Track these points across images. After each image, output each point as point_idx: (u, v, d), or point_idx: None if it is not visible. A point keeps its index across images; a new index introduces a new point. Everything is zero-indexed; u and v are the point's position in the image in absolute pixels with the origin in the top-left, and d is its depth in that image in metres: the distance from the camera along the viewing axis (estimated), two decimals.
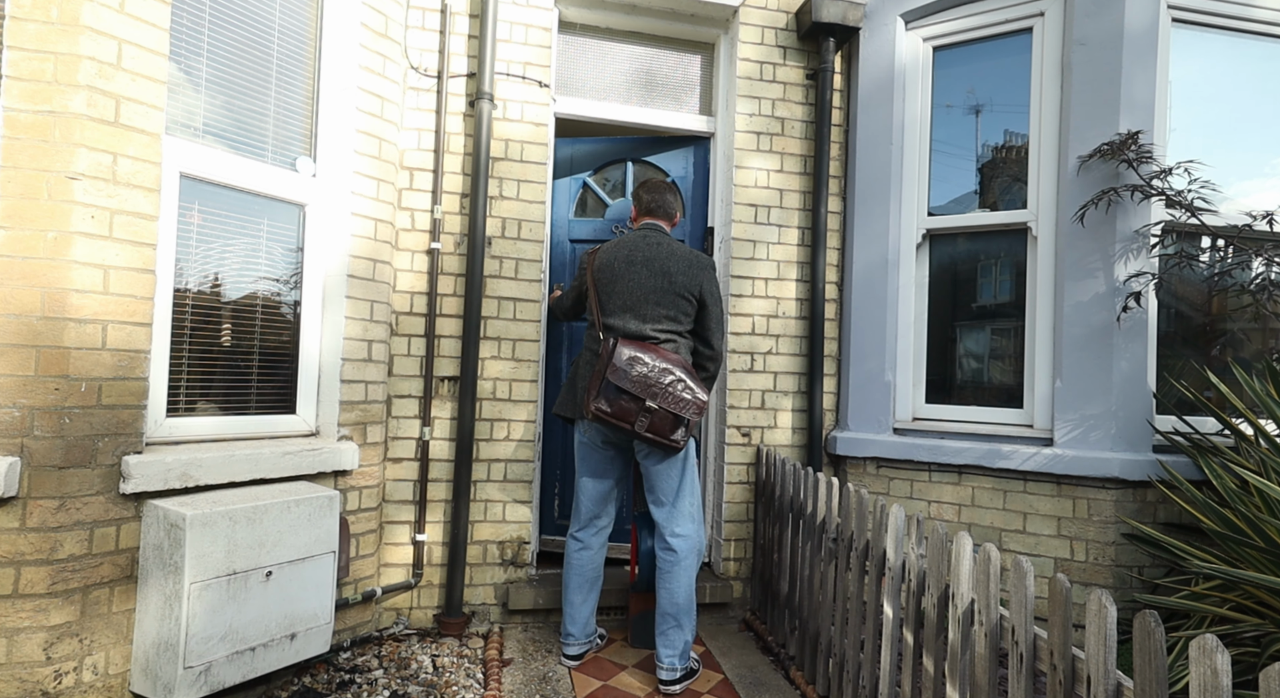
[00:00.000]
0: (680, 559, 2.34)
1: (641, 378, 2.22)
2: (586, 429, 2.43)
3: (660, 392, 2.23)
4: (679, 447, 2.29)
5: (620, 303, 2.37)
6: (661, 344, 2.35)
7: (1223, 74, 2.87)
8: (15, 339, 1.73)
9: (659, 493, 2.39)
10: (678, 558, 2.34)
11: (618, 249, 2.44)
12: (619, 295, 2.37)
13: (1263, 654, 1.95)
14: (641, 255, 2.40)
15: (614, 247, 2.45)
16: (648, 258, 2.39)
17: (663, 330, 2.36)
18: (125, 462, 1.86)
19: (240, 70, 2.26)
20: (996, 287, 3.12)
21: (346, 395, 2.47)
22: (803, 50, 3.24)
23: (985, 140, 3.11)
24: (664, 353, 2.29)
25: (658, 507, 2.40)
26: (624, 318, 2.36)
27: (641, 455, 2.39)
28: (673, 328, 2.38)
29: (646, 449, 2.36)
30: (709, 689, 2.38)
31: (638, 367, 2.23)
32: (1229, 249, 2.72)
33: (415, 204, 2.79)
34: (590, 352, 2.44)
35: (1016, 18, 2.92)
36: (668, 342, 2.36)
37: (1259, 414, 2.39)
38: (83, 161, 1.78)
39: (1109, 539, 2.57)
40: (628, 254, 2.41)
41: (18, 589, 1.71)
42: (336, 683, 2.26)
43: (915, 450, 2.96)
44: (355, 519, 2.50)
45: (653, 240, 2.43)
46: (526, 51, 2.93)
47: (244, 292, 2.31)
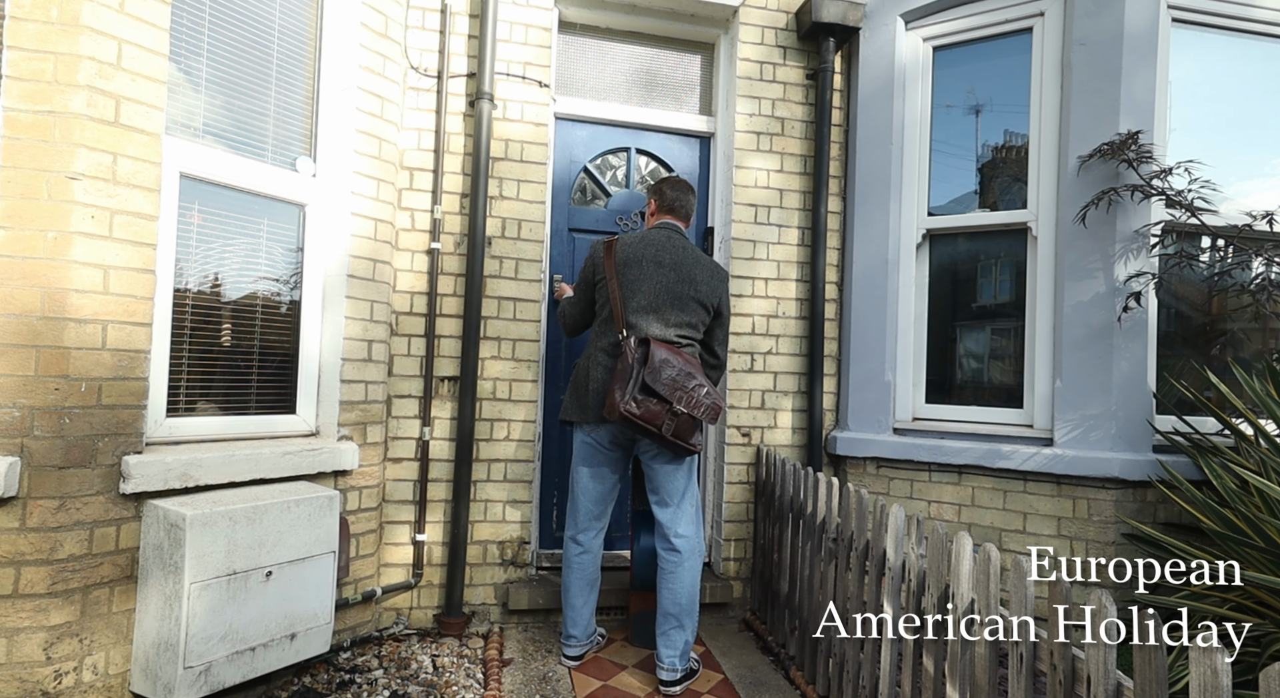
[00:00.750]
0: (684, 560, 2.34)
1: (671, 381, 2.21)
2: (593, 430, 2.38)
3: (685, 395, 2.22)
4: (696, 450, 2.30)
5: (643, 303, 2.32)
6: (684, 348, 2.34)
7: (1223, 74, 2.87)
8: (15, 339, 1.73)
9: (664, 494, 2.38)
10: (681, 559, 2.34)
11: (643, 247, 2.37)
12: (643, 295, 2.32)
13: (1263, 654, 1.95)
14: (669, 258, 2.36)
15: (637, 243, 2.39)
16: (676, 262, 2.36)
17: (683, 336, 2.35)
18: (125, 462, 1.85)
19: (240, 70, 2.26)
20: (996, 287, 3.12)
21: (346, 395, 2.47)
22: (803, 50, 3.24)
23: (985, 140, 3.11)
24: (687, 357, 2.29)
25: (662, 507, 2.38)
26: (646, 318, 2.32)
27: (649, 456, 2.37)
28: (691, 334, 2.37)
29: (655, 449, 2.34)
30: (709, 689, 2.38)
31: (668, 369, 2.22)
32: (1229, 249, 2.72)
33: (415, 204, 2.79)
34: (601, 352, 2.35)
35: (1016, 18, 2.92)
36: (688, 346, 2.36)
37: (1259, 414, 2.39)
38: (83, 161, 1.78)
39: (1109, 539, 2.57)
40: (655, 254, 2.36)
41: (18, 589, 1.71)
42: (336, 683, 2.26)
43: (915, 450, 2.95)
44: (355, 519, 2.50)
45: (677, 243, 2.41)
46: (526, 51, 2.93)
47: (244, 292, 2.31)
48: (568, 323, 2.57)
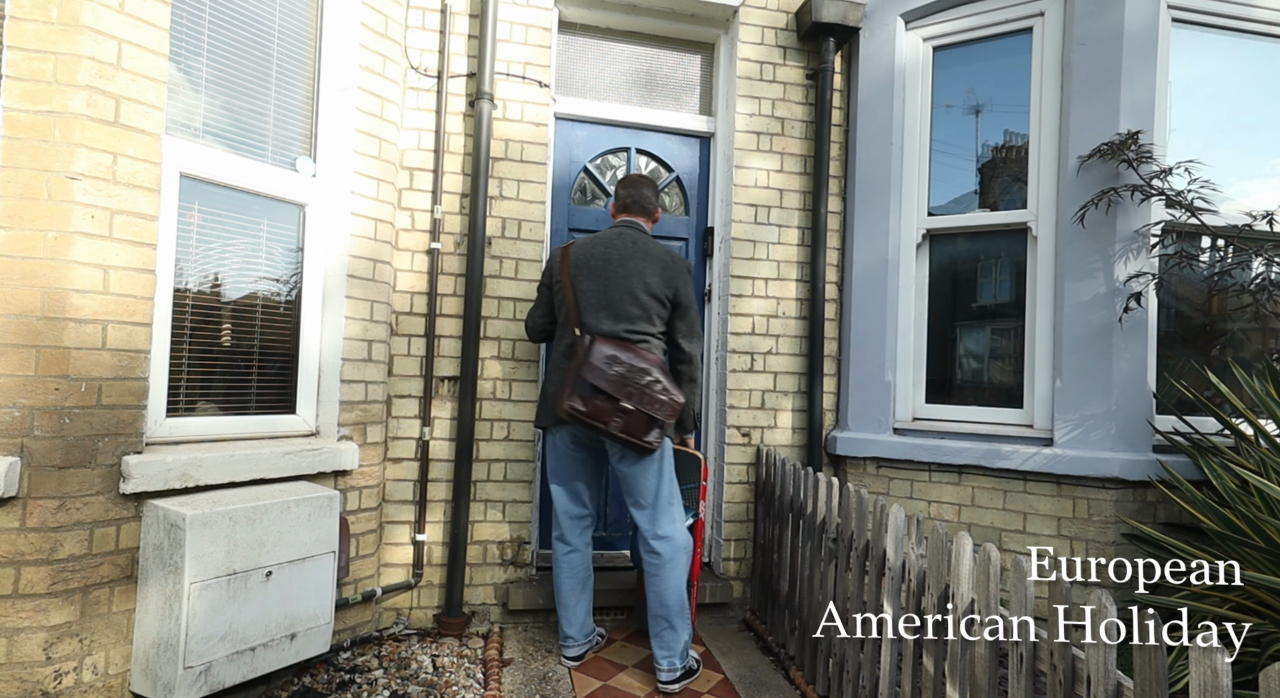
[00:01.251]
0: (664, 562, 2.30)
1: (619, 377, 2.20)
2: (558, 431, 2.39)
3: (637, 392, 2.20)
4: (653, 448, 2.25)
5: (594, 301, 2.33)
6: (636, 344, 2.30)
7: (1223, 74, 2.87)
8: (15, 339, 1.73)
9: (636, 495, 2.35)
10: (662, 562, 2.30)
11: (594, 246, 2.39)
12: (593, 293, 2.33)
13: (1263, 654, 1.95)
14: (617, 254, 2.35)
15: (589, 243, 2.42)
16: (623, 256, 2.35)
17: (636, 331, 2.31)
18: (125, 462, 1.85)
19: (240, 70, 2.26)
20: (996, 287, 3.12)
21: (346, 395, 2.47)
22: (803, 50, 3.24)
23: (985, 140, 3.11)
24: (641, 353, 2.26)
25: (638, 510, 2.36)
26: (598, 316, 2.32)
27: (615, 459, 2.34)
28: (646, 329, 2.33)
29: (620, 451, 2.31)
30: (709, 689, 2.38)
31: (615, 366, 2.21)
32: (1229, 249, 2.72)
33: (415, 204, 2.79)
34: (560, 354, 2.39)
35: (1016, 18, 2.92)
36: (641, 342, 2.31)
37: (1259, 414, 2.39)
38: (83, 162, 1.78)
39: (1109, 539, 2.57)
40: (604, 251, 2.36)
41: (18, 589, 1.71)
42: (336, 683, 2.26)
43: (915, 450, 2.95)
44: (355, 519, 2.50)
45: (629, 237, 2.40)
46: (526, 51, 2.93)
47: (244, 291, 2.31)
48: (530, 328, 2.60)
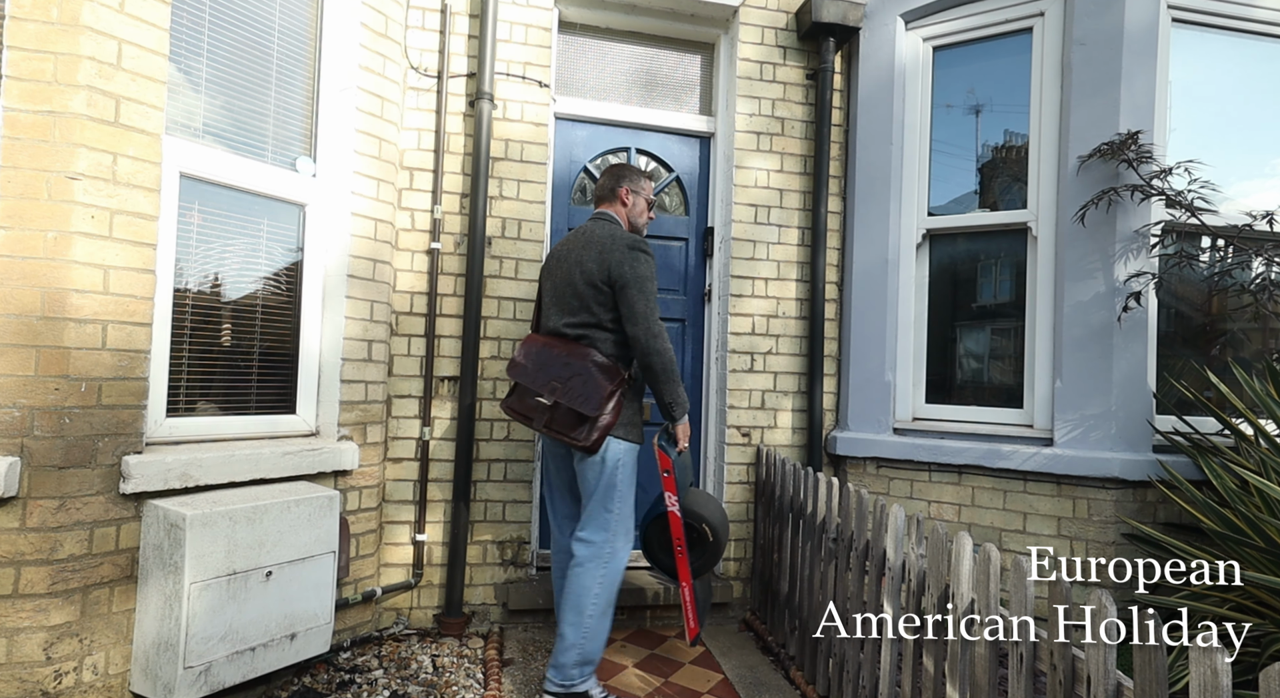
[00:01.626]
0: (577, 563, 2.18)
1: (537, 372, 2.19)
2: (537, 436, 2.37)
3: (560, 387, 2.14)
4: (585, 446, 2.12)
5: (549, 300, 2.32)
6: (571, 339, 2.21)
7: (1223, 74, 2.87)
8: (15, 339, 1.72)
9: (582, 489, 2.26)
10: (577, 561, 2.19)
11: (559, 244, 2.39)
12: (549, 292, 2.32)
13: (1263, 654, 1.95)
14: (567, 247, 2.32)
15: (559, 242, 2.41)
16: (570, 249, 2.30)
17: (575, 325, 2.21)
18: (125, 462, 1.85)
19: (240, 70, 2.26)
20: (996, 287, 3.12)
21: (346, 395, 2.47)
22: (803, 50, 3.24)
23: (985, 140, 3.11)
24: (572, 347, 2.19)
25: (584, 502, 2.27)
26: (549, 314, 2.31)
27: (575, 459, 2.25)
28: (586, 319, 2.20)
29: (568, 449, 2.26)
30: (709, 689, 2.38)
31: (537, 361, 2.20)
32: (1229, 249, 2.72)
33: (415, 204, 2.79)
34: None
35: (1016, 18, 2.92)
36: (580, 337, 2.20)
37: (1259, 414, 2.39)
38: (83, 162, 1.78)
39: (1109, 539, 2.57)
40: (564, 248, 2.34)
41: (18, 589, 1.71)
42: (336, 683, 2.26)
43: (915, 450, 2.95)
44: (355, 519, 2.50)
45: (585, 229, 2.33)
46: (526, 51, 2.93)
47: (244, 291, 2.31)
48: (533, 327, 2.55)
